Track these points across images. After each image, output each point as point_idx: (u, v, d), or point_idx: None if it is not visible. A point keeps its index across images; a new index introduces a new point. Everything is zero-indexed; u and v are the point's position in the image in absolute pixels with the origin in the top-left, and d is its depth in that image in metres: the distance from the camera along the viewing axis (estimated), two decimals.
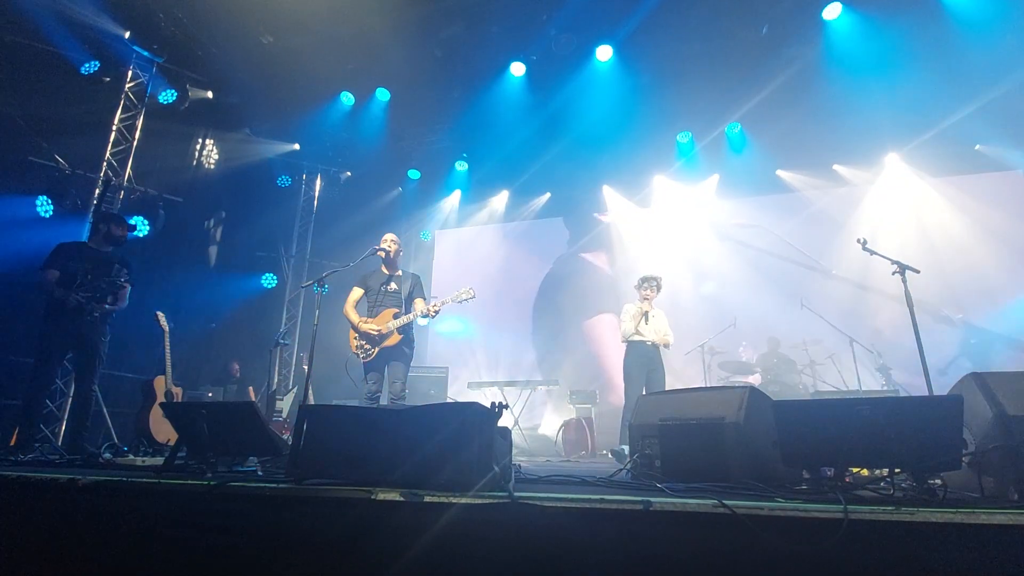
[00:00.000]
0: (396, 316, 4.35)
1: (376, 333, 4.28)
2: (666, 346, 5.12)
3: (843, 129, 7.62)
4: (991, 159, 7.72)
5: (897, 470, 1.90)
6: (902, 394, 5.72)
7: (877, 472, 2.08)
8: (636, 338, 5.06)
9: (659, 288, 5.23)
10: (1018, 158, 7.57)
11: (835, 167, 8.43)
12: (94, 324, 3.99)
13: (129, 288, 4.22)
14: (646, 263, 8.38)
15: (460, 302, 4.44)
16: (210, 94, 7.23)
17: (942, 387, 2.83)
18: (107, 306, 4.03)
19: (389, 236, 4.63)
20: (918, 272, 3.72)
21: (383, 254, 4.52)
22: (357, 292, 4.53)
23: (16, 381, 4.96)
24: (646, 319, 5.07)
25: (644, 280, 5.21)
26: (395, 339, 4.31)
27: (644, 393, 4.69)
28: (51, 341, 3.88)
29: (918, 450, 1.81)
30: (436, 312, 4.31)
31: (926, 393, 3.32)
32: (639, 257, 9.12)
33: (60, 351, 4.05)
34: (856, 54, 6.35)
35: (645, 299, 5.13)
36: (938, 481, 1.92)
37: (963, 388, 2.13)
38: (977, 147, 7.76)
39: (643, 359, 5.01)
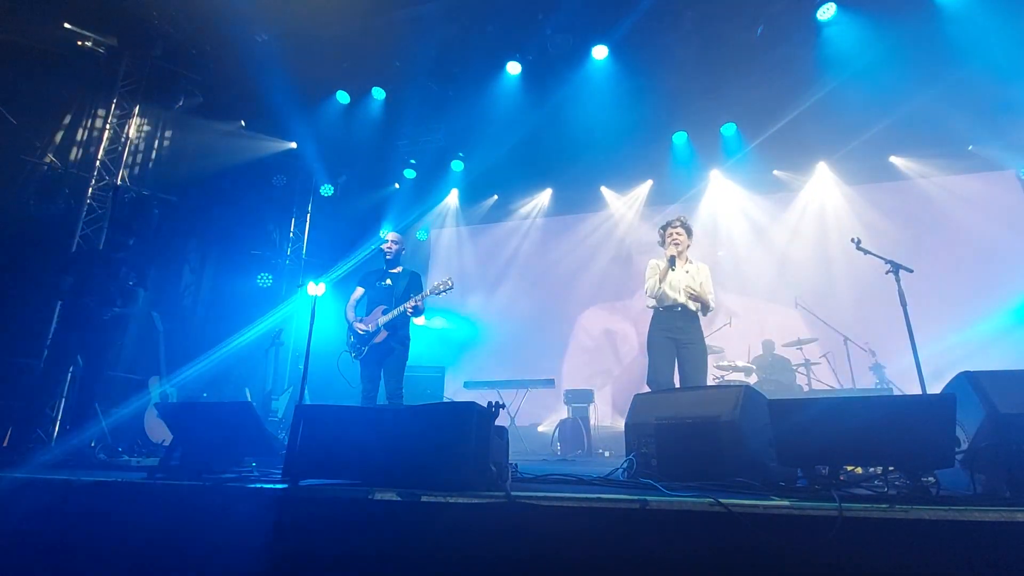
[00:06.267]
0: (385, 312, 4.34)
1: (364, 331, 4.29)
2: (703, 309, 3.98)
3: (839, 130, 7.65)
4: (984, 160, 7.78)
5: (891, 468, 1.91)
6: (896, 393, 5.76)
7: (871, 470, 2.09)
8: (660, 298, 3.96)
9: (688, 231, 4.08)
10: (1010, 159, 7.63)
11: (828, 167, 8.48)
12: (103, 328, 4.00)
13: (141, 291, 4.23)
14: (643, 261, 8.39)
15: (439, 293, 4.40)
16: (201, 100, 7.20)
17: (935, 386, 2.85)
18: (116, 309, 4.03)
19: (389, 235, 4.64)
20: (911, 271, 3.75)
21: (390, 254, 4.54)
22: (358, 291, 4.56)
23: (13, 382, 4.92)
24: (673, 265, 3.89)
25: (665, 227, 4.13)
26: (383, 336, 4.29)
27: (674, 374, 3.85)
28: (60, 344, 3.93)
29: (912, 448, 1.82)
30: (416, 307, 4.28)
31: (919, 392, 3.35)
32: (636, 256, 9.16)
33: (69, 354, 4.08)
34: (851, 55, 6.38)
35: (674, 244, 3.99)
36: (931, 479, 1.94)
37: (956, 387, 2.15)
38: (970, 148, 7.81)
39: (667, 330, 3.88)
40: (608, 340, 9.21)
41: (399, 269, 4.60)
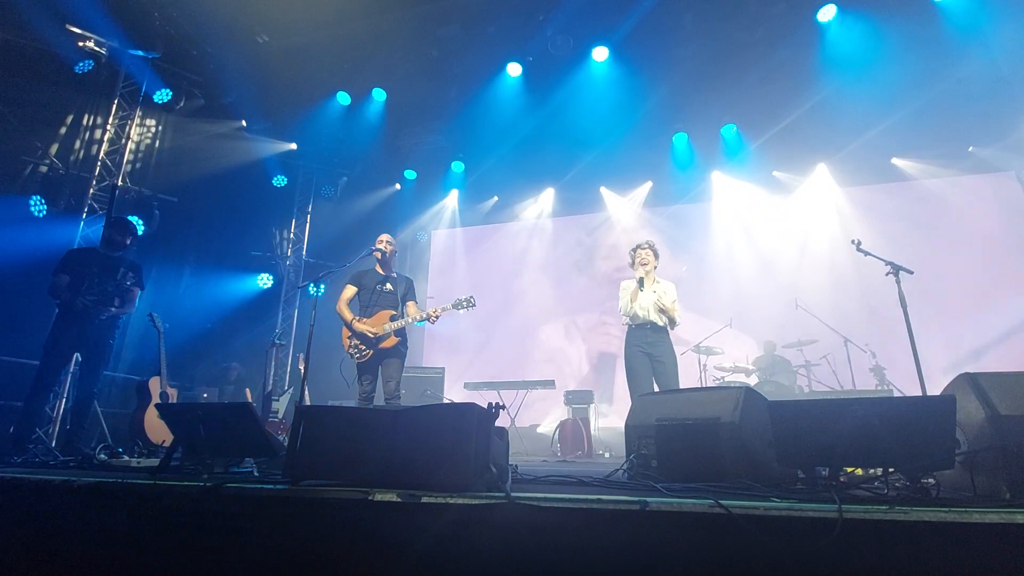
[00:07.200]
0: (393, 318, 4.34)
1: (372, 335, 4.27)
2: (670, 324, 4.32)
3: (839, 131, 7.65)
4: (984, 161, 7.78)
5: (891, 469, 1.91)
6: (896, 394, 5.75)
7: (871, 472, 2.09)
8: (633, 317, 4.35)
9: (655, 253, 4.45)
10: (1010, 160, 7.64)
11: (828, 168, 8.48)
12: (100, 327, 4.00)
13: (138, 291, 4.24)
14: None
15: (460, 309, 4.43)
16: (202, 102, 7.23)
17: (935, 387, 2.85)
18: (113, 309, 4.03)
19: (385, 237, 4.62)
20: (911, 273, 3.75)
21: (379, 255, 4.52)
22: (350, 290, 4.51)
23: (12, 382, 4.93)
24: (641, 286, 4.28)
25: (634, 249, 4.51)
26: (392, 341, 4.32)
27: (652, 383, 4.21)
28: (58, 344, 3.92)
29: (912, 450, 1.82)
30: (437, 319, 4.31)
31: (919, 393, 3.34)
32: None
33: (66, 354, 4.08)
34: (851, 56, 6.38)
35: (641, 266, 4.40)
36: (931, 480, 1.94)
37: (956, 388, 2.15)
38: (970, 149, 7.82)
39: (640, 343, 4.26)
40: (608, 341, 9.21)
41: (395, 274, 4.60)
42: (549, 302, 9.79)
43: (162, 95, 6.87)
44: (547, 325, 9.68)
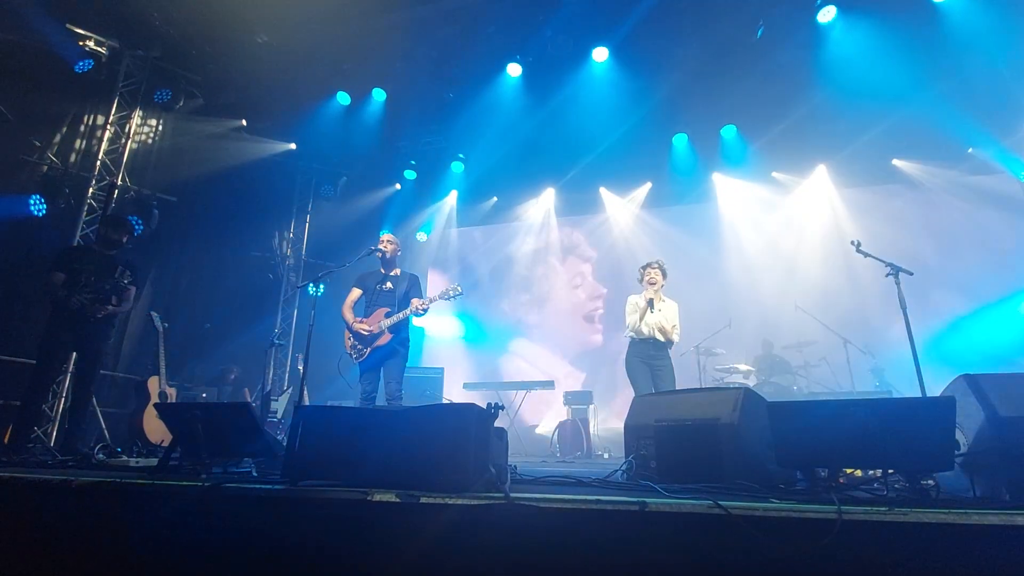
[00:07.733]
0: (388, 315, 4.34)
1: (367, 333, 4.27)
2: (668, 341, 4.53)
3: (839, 133, 7.65)
4: (983, 162, 7.78)
5: (890, 471, 1.91)
6: (895, 395, 5.75)
7: (870, 473, 2.09)
8: (637, 332, 4.55)
9: (663, 272, 4.67)
10: (1010, 160, 7.64)
11: (828, 169, 8.48)
12: (97, 326, 3.99)
13: (133, 290, 4.22)
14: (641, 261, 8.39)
15: (448, 299, 4.42)
16: (202, 102, 7.23)
17: (935, 388, 2.85)
18: (110, 307, 4.02)
19: (386, 236, 4.62)
20: (911, 274, 3.75)
21: (380, 254, 4.51)
22: (355, 293, 4.52)
23: (12, 381, 4.92)
24: (651, 307, 4.50)
25: (644, 267, 4.72)
26: (386, 338, 4.29)
27: (652, 388, 4.38)
28: (54, 342, 3.90)
29: (911, 451, 1.82)
30: (425, 309, 4.28)
31: (919, 394, 3.34)
32: (634, 258, 9.16)
33: (62, 352, 4.07)
34: (851, 57, 6.38)
35: (650, 284, 4.59)
36: (931, 482, 1.94)
37: (955, 389, 2.15)
38: (970, 150, 7.82)
39: (641, 356, 4.52)
40: (607, 342, 9.21)
41: (397, 272, 4.58)
42: (548, 302, 9.79)
43: (162, 95, 6.85)
44: (545, 325, 9.69)
